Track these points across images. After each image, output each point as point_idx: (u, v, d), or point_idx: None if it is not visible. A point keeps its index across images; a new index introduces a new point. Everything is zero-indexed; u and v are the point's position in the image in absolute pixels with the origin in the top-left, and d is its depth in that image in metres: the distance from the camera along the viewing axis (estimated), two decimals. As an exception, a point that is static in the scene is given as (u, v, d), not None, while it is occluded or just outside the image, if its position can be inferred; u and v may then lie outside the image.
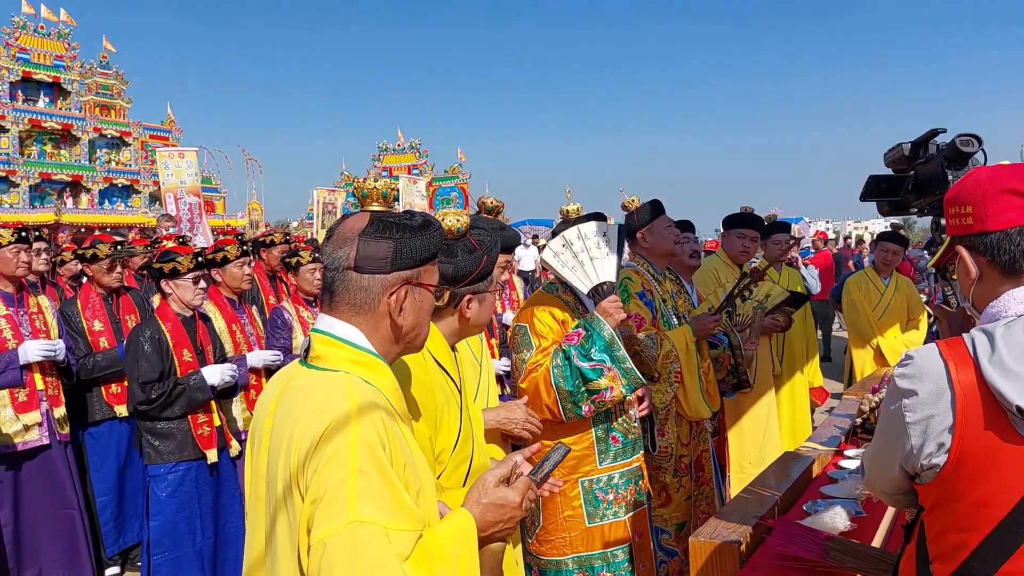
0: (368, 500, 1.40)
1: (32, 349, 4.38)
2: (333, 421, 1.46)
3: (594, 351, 3.19)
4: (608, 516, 3.36)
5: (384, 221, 1.65)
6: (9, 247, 4.53)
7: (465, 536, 1.57)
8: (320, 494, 1.41)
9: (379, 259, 1.62)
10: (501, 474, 1.69)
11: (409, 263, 1.64)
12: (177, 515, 3.94)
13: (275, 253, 6.46)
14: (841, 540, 2.41)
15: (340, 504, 1.39)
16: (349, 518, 1.38)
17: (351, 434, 1.44)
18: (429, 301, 1.72)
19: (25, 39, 23.45)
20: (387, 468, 1.45)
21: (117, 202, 24.79)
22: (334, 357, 1.61)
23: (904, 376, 1.56)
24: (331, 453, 1.43)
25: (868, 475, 1.81)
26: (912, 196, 2.12)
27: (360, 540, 1.37)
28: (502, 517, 1.67)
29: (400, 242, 1.63)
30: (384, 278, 1.63)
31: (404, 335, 1.69)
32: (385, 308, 1.64)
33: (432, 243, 1.69)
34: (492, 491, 1.67)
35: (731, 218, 5.39)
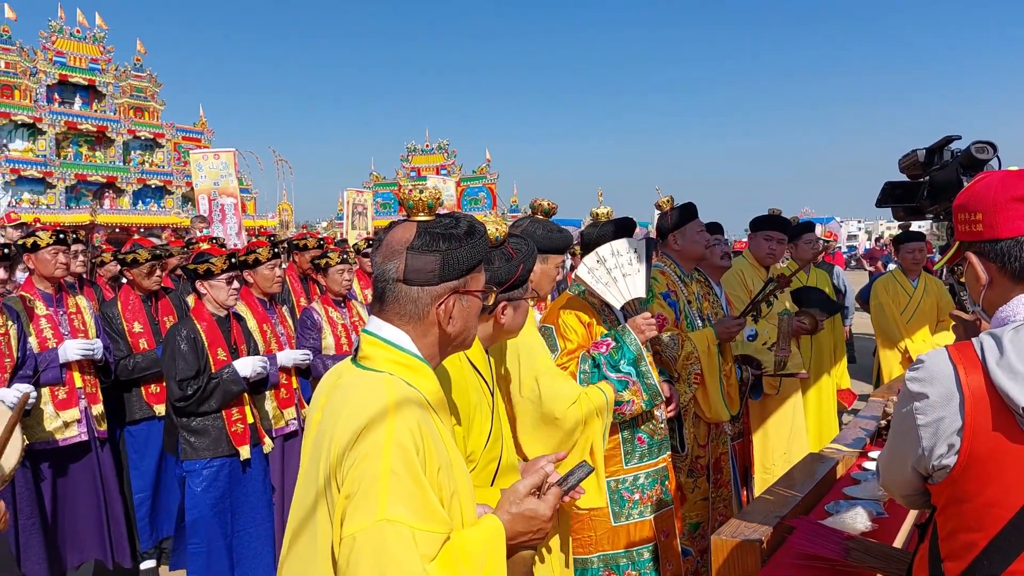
0: (397, 500, 1.45)
1: (71, 348, 4.50)
2: (370, 420, 1.52)
3: (622, 363, 3.25)
4: (634, 516, 3.40)
5: (431, 233, 1.68)
6: (47, 249, 4.65)
7: (493, 543, 1.60)
8: (353, 490, 1.47)
9: (427, 272, 1.66)
10: (532, 484, 1.71)
11: (456, 273, 1.68)
12: (212, 509, 4.05)
13: (307, 256, 6.55)
14: (861, 540, 2.44)
15: (371, 501, 1.45)
16: (378, 516, 1.43)
17: (386, 434, 1.50)
18: (476, 305, 1.76)
19: (61, 43, 23.83)
20: (418, 470, 1.50)
21: (150, 203, 25.12)
22: (380, 358, 1.67)
23: (915, 379, 1.60)
24: (366, 451, 1.49)
25: (883, 476, 1.84)
26: (927, 202, 2.14)
27: (386, 538, 1.42)
28: (531, 528, 1.69)
29: (447, 254, 1.66)
30: (433, 289, 1.67)
31: (452, 340, 1.74)
32: (434, 318, 1.68)
33: (478, 251, 1.72)
34: (523, 501, 1.69)
35: (758, 220, 5.39)
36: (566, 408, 2.88)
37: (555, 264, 3.09)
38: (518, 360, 2.85)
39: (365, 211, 13.85)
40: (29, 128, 22.66)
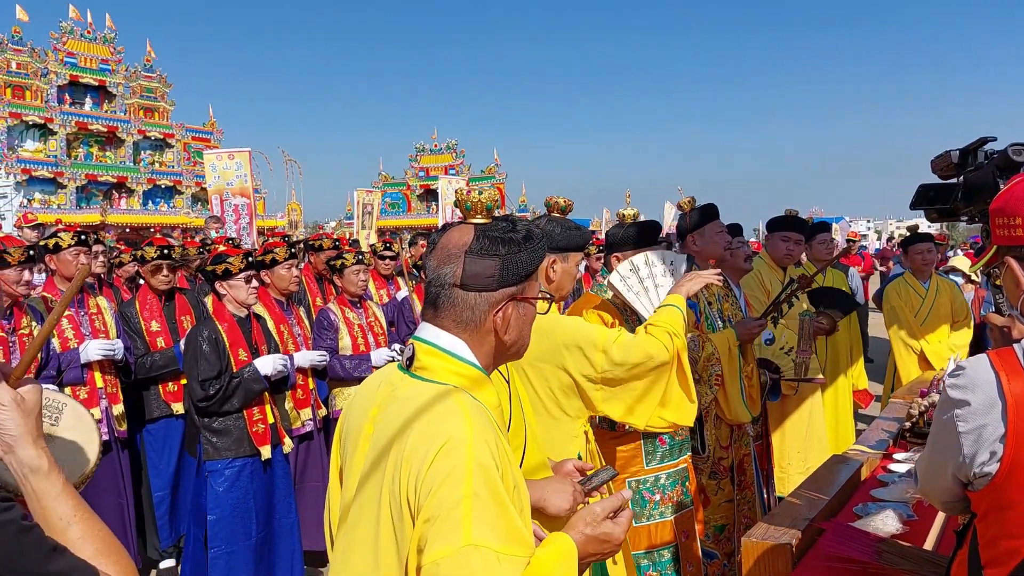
0: (482, 523, 1.39)
1: (93, 348, 4.52)
2: (448, 440, 1.45)
3: None
4: (655, 516, 3.39)
5: (490, 237, 1.63)
6: (69, 249, 4.69)
7: (569, 565, 1.54)
8: (434, 514, 1.40)
9: (486, 277, 1.60)
10: (609, 507, 1.66)
11: (515, 279, 1.63)
12: (234, 510, 4.05)
13: (323, 257, 6.56)
14: (893, 543, 2.44)
15: (454, 526, 1.38)
16: (464, 541, 1.37)
17: (467, 455, 1.44)
18: (532, 313, 1.71)
19: (72, 44, 23.95)
20: (501, 491, 1.45)
21: (160, 203, 25.23)
22: (441, 370, 1.61)
23: (956, 386, 1.59)
24: (446, 473, 1.42)
25: (921, 483, 1.84)
26: (961, 204, 2.13)
27: (472, 564, 1.36)
28: (603, 551, 1.65)
29: (507, 259, 1.61)
30: (491, 295, 1.62)
31: (508, 349, 1.68)
32: (491, 325, 1.63)
33: (536, 256, 1.67)
34: (600, 525, 1.64)
35: (775, 221, 5.38)
36: (646, 345, 2.84)
37: (575, 263, 3.04)
38: (579, 349, 2.80)
39: (373, 210, 13.85)
40: (40, 128, 22.80)
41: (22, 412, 1.38)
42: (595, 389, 2.81)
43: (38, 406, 1.43)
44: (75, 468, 1.70)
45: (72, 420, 1.77)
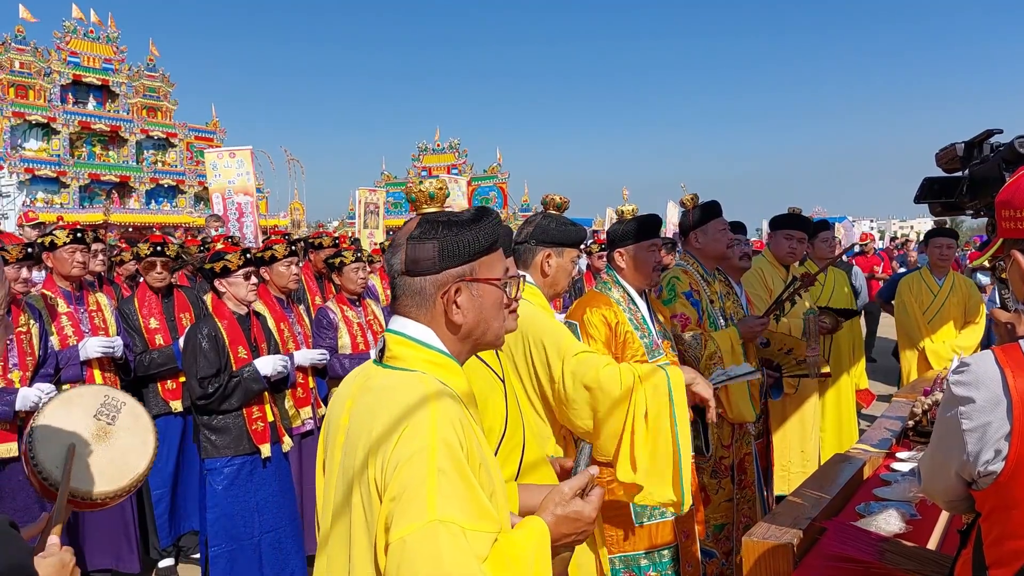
0: (447, 499, 1.40)
1: (92, 345, 4.50)
2: (411, 419, 1.48)
3: None
4: (655, 516, 3.37)
5: (431, 221, 1.65)
6: (65, 247, 4.65)
7: (540, 545, 1.55)
8: (399, 492, 1.42)
9: (427, 260, 1.62)
10: (578, 485, 1.66)
11: (458, 260, 1.62)
12: (233, 508, 4.03)
13: (322, 255, 6.53)
14: (896, 542, 2.41)
15: (420, 502, 1.40)
16: (429, 516, 1.38)
17: (431, 433, 1.45)
18: (492, 295, 1.68)
19: (75, 43, 23.98)
20: (465, 468, 1.46)
21: (163, 202, 25.26)
22: (411, 358, 1.63)
23: (960, 383, 1.57)
24: (410, 451, 1.44)
25: (925, 481, 1.81)
26: (966, 198, 2.10)
27: (440, 539, 1.37)
28: (575, 530, 1.65)
29: (444, 240, 1.62)
30: (435, 278, 1.63)
31: (468, 332, 1.67)
32: (441, 307, 1.63)
33: (483, 236, 1.65)
34: (569, 503, 1.64)
35: (778, 219, 5.36)
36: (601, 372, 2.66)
37: (570, 258, 3.05)
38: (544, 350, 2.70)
39: (378, 210, 13.82)
40: (43, 128, 22.82)
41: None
42: (553, 398, 2.73)
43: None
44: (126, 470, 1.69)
45: (129, 420, 1.76)
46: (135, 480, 1.69)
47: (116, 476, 1.66)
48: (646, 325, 3.43)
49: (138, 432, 1.74)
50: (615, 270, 3.52)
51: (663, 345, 3.48)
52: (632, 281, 3.48)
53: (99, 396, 1.74)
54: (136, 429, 1.74)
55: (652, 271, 3.45)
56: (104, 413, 1.71)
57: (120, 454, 1.69)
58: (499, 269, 1.70)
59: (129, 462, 1.70)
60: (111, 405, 1.74)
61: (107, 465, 1.65)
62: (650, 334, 3.43)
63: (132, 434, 1.73)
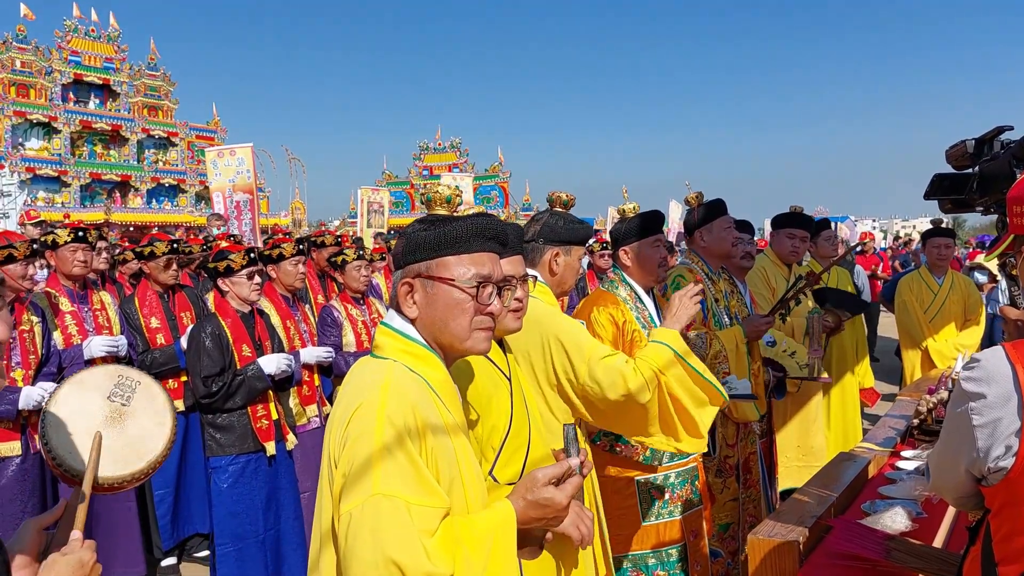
0: (391, 475, 1.48)
1: (97, 344, 4.50)
2: (364, 401, 1.57)
3: None
4: (663, 515, 3.36)
5: (424, 220, 1.75)
6: (67, 246, 4.64)
7: (502, 526, 1.60)
8: (348, 468, 1.52)
9: (397, 254, 1.74)
10: (552, 474, 1.68)
11: (416, 257, 1.70)
12: (238, 506, 4.03)
13: (325, 253, 6.54)
14: (902, 540, 2.40)
15: (365, 478, 1.49)
16: (372, 491, 1.47)
17: (378, 412, 1.54)
18: (446, 295, 1.69)
19: (76, 42, 23.99)
20: (411, 447, 1.53)
21: (164, 201, 25.26)
22: (390, 348, 1.72)
23: (971, 379, 1.56)
24: (359, 430, 1.54)
25: (934, 478, 1.81)
26: (976, 194, 2.10)
27: (381, 512, 1.45)
28: (544, 515, 1.67)
29: (410, 236, 1.72)
30: (401, 272, 1.74)
31: (428, 330, 1.72)
32: (402, 301, 1.73)
33: (449, 234, 1.69)
34: (539, 490, 1.66)
35: (780, 218, 5.35)
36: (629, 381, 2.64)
37: (577, 256, 3.04)
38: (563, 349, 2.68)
39: (381, 209, 13.79)
40: (44, 127, 22.83)
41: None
42: (575, 396, 2.73)
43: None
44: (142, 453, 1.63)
45: (144, 401, 1.70)
46: (152, 463, 1.63)
47: (131, 459, 1.60)
48: (654, 323, 3.43)
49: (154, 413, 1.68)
50: (621, 269, 3.51)
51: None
52: (638, 279, 3.47)
53: (113, 376, 1.69)
54: (152, 410, 1.68)
55: (658, 267, 3.44)
56: (118, 394, 1.66)
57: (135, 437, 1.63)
58: (457, 271, 1.70)
59: (145, 445, 1.64)
60: (125, 385, 1.69)
61: (122, 448, 1.60)
62: (657, 332, 3.42)
63: (148, 415, 1.67)
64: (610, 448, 3.28)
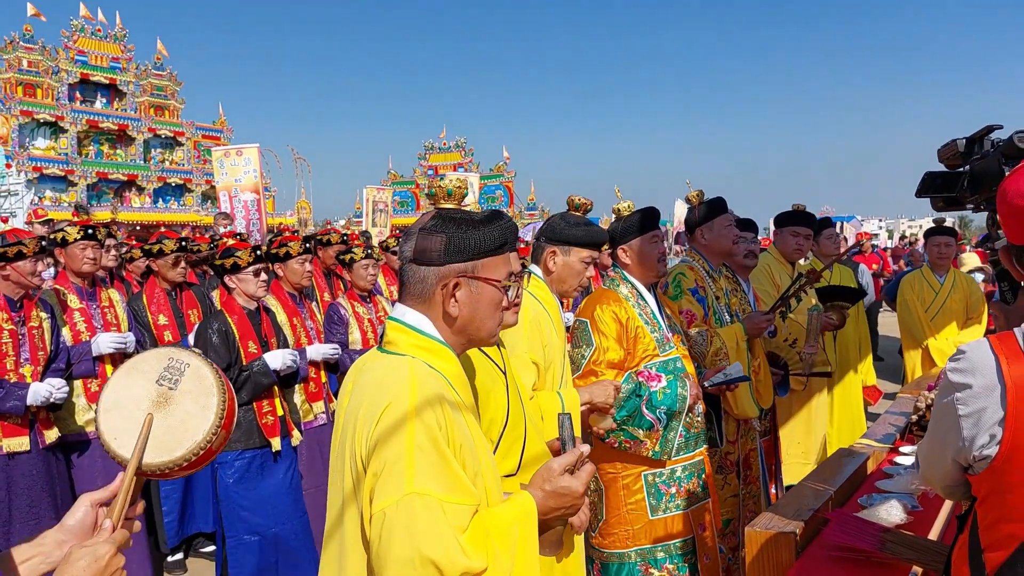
0: (424, 474, 1.50)
1: (105, 341, 4.55)
2: (392, 398, 1.58)
3: (662, 409, 3.26)
4: (671, 509, 3.39)
5: (443, 216, 1.75)
6: (76, 244, 4.69)
7: (525, 518, 1.62)
8: (380, 467, 1.53)
9: (433, 251, 1.71)
10: (567, 462, 1.71)
11: (462, 256, 1.71)
12: (245, 501, 4.07)
13: (331, 252, 6.59)
14: (897, 532, 2.44)
15: (398, 477, 1.50)
16: (406, 490, 1.49)
17: (408, 410, 1.55)
18: (489, 295, 1.75)
19: (83, 42, 24.00)
20: (442, 445, 1.55)
21: (170, 200, 25.29)
22: (403, 343, 1.72)
23: (956, 370, 1.60)
24: (390, 428, 1.54)
25: (923, 468, 1.84)
26: (967, 192, 2.13)
27: (416, 511, 1.47)
28: (563, 504, 1.69)
29: (452, 236, 1.71)
30: (438, 270, 1.72)
31: (463, 327, 1.76)
32: (439, 298, 1.72)
33: (490, 237, 1.74)
34: (556, 479, 1.68)
35: (783, 216, 5.37)
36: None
37: (579, 258, 3.05)
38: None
39: (387, 208, 13.88)
40: (51, 126, 22.86)
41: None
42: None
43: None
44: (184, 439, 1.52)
45: (192, 383, 1.58)
46: (193, 449, 1.52)
47: (172, 446, 1.51)
48: (656, 320, 3.46)
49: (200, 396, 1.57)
50: (621, 267, 3.55)
51: (673, 339, 3.51)
52: (639, 276, 3.51)
53: (163, 360, 1.60)
54: (198, 392, 1.58)
55: (658, 263, 3.48)
56: (167, 377, 1.58)
57: (178, 421, 1.54)
58: (502, 271, 1.77)
59: (188, 430, 1.54)
60: (175, 368, 1.60)
61: (163, 434, 1.52)
62: (660, 328, 3.46)
63: (193, 398, 1.57)
64: (619, 445, 3.32)
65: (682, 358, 3.50)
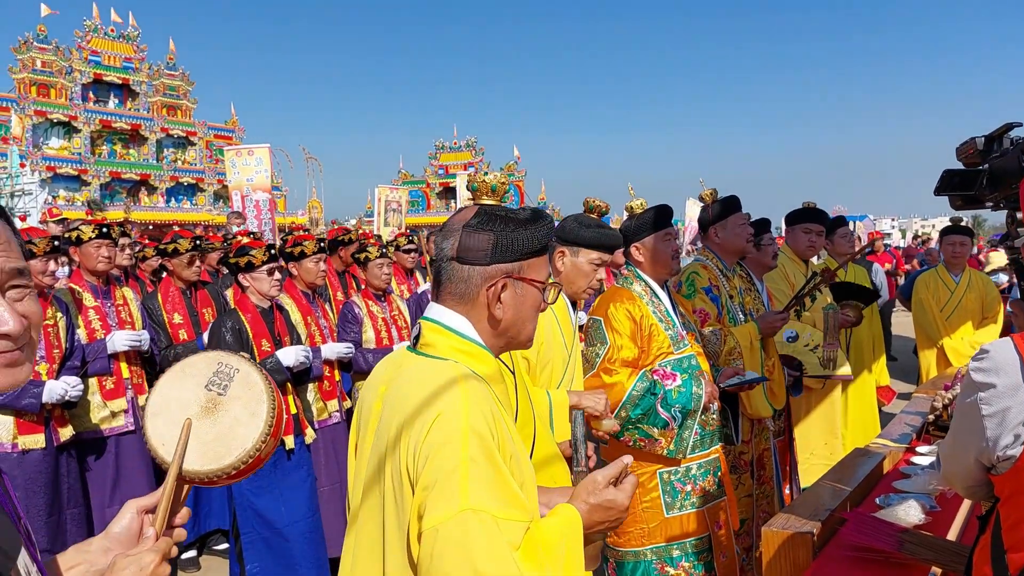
0: (479, 488, 1.42)
1: (119, 339, 4.57)
2: (444, 409, 1.49)
3: (676, 407, 3.24)
4: (686, 507, 3.38)
5: (489, 214, 1.67)
6: (91, 242, 4.72)
7: (572, 533, 1.57)
8: (431, 481, 1.43)
9: (479, 250, 1.64)
10: (611, 474, 1.66)
11: (509, 256, 1.65)
12: (258, 499, 4.08)
13: (349, 250, 6.62)
14: (915, 532, 2.42)
15: (452, 492, 1.41)
16: (461, 506, 1.40)
17: (462, 423, 1.47)
18: (533, 296, 1.70)
19: (96, 42, 24.12)
20: (496, 457, 1.48)
21: (183, 200, 25.40)
22: (443, 345, 1.65)
23: (980, 369, 1.59)
24: (442, 441, 1.45)
25: (944, 468, 1.83)
26: (986, 190, 2.11)
27: (470, 528, 1.39)
28: (608, 518, 1.65)
29: (501, 235, 1.64)
30: (484, 270, 1.65)
31: (505, 329, 1.69)
32: (484, 299, 1.65)
33: (537, 237, 1.68)
34: (601, 492, 1.64)
35: (794, 214, 5.34)
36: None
37: (588, 259, 3.05)
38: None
39: (400, 208, 13.88)
40: (65, 126, 22.99)
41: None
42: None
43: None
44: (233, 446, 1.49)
45: (240, 389, 1.55)
46: (242, 457, 1.48)
47: (221, 453, 1.47)
48: (670, 317, 3.45)
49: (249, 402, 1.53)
50: (634, 265, 3.54)
51: (687, 337, 3.50)
52: (652, 273, 3.49)
53: (212, 364, 1.57)
54: (248, 399, 1.54)
55: (671, 260, 3.47)
56: (216, 383, 1.54)
57: (227, 428, 1.50)
58: (543, 273, 1.72)
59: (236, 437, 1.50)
60: (224, 374, 1.56)
61: (212, 441, 1.48)
62: (674, 326, 3.44)
63: (243, 405, 1.53)
64: (633, 443, 3.31)
65: (696, 356, 3.48)
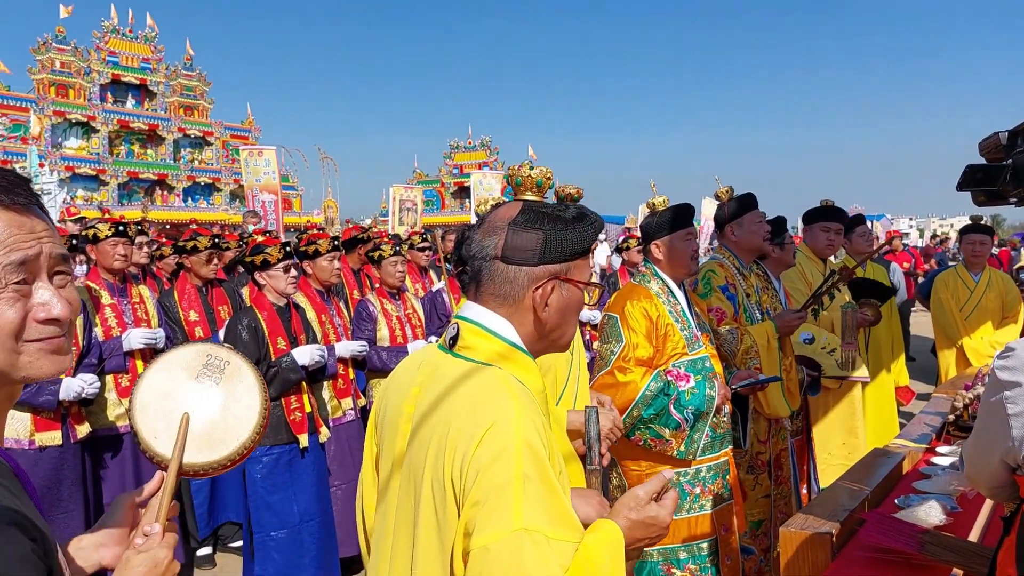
0: (532, 507, 1.34)
1: (135, 337, 4.59)
2: (496, 421, 1.41)
3: (689, 409, 3.22)
4: (695, 509, 3.36)
5: (536, 211, 1.58)
6: (107, 240, 4.73)
7: (616, 552, 1.48)
8: (483, 497, 1.35)
9: (527, 250, 1.55)
10: (652, 490, 1.60)
11: (558, 256, 1.57)
12: (271, 496, 4.09)
13: (361, 249, 6.64)
14: (936, 534, 2.39)
15: (504, 509, 1.33)
16: (514, 525, 1.32)
17: (516, 436, 1.39)
18: (577, 298, 1.62)
19: (114, 43, 24.32)
20: (549, 473, 1.40)
21: (200, 199, 25.59)
22: (484, 349, 1.57)
23: (1005, 368, 1.56)
24: (495, 455, 1.37)
25: (968, 468, 1.80)
26: (1009, 186, 2.08)
27: (524, 549, 1.31)
28: (649, 535, 1.59)
29: (550, 234, 1.55)
30: (531, 270, 1.56)
31: (548, 332, 1.61)
32: (530, 302, 1.57)
33: (585, 237, 1.60)
34: (643, 508, 1.57)
35: (812, 212, 5.30)
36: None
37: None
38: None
39: (415, 207, 13.94)
40: (83, 126, 23.19)
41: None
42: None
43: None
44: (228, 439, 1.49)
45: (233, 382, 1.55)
46: (238, 449, 1.48)
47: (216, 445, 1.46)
48: (686, 317, 3.42)
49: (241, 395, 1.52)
50: (653, 263, 3.50)
51: (702, 338, 3.47)
52: (670, 272, 3.46)
53: (201, 356, 1.54)
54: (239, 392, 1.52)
55: (690, 260, 3.44)
56: (206, 375, 1.52)
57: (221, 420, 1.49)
58: (587, 273, 1.65)
59: (231, 429, 1.48)
60: (214, 366, 1.54)
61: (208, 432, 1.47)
62: (690, 326, 3.41)
63: (236, 398, 1.52)
64: (644, 443, 3.29)
65: (710, 357, 3.46)
